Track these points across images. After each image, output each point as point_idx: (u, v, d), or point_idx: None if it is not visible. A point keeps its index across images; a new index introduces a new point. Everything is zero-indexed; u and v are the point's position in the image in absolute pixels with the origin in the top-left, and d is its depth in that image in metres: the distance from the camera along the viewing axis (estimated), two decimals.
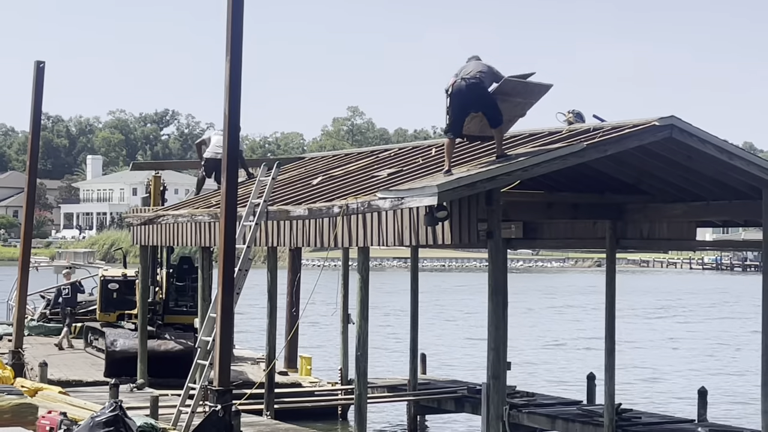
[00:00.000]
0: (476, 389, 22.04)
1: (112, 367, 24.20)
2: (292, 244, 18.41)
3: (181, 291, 26.66)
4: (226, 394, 15.67)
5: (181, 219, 21.37)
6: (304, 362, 26.38)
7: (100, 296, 28.19)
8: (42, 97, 24.76)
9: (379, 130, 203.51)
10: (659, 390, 32.04)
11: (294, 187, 19.85)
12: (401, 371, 27.55)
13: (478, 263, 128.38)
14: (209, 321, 17.52)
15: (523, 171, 14.62)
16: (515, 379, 23.74)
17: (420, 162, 17.74)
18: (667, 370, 36.93)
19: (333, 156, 23.29)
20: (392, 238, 15.57)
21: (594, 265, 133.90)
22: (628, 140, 15.12)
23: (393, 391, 24.19)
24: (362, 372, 16.85)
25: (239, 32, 16.28)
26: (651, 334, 49.74)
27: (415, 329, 23.59)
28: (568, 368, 36.33)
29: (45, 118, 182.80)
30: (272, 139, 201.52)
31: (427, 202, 14.28)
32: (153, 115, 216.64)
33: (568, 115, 17.06)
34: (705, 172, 16.92)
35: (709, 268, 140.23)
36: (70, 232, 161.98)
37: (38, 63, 24.50)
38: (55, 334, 31.83)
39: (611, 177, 18.21)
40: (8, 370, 21.00)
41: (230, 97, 16.31)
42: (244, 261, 17.73)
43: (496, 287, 14.93)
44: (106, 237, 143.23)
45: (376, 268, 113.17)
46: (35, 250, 66.87)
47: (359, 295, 16.87)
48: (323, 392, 24.20)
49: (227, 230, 16.34)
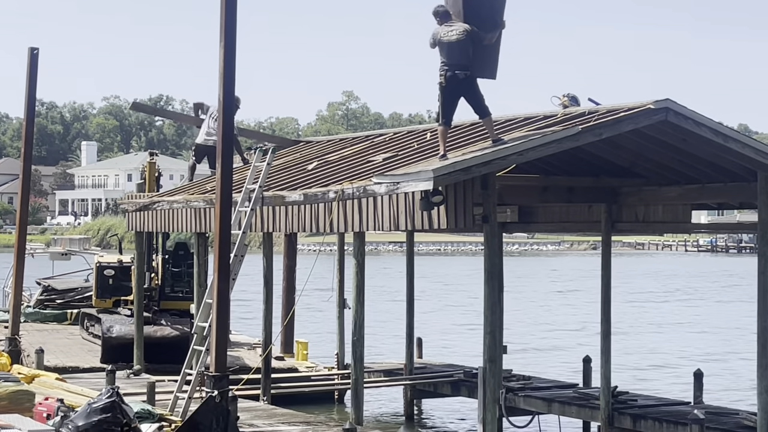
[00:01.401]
0: (472, 373, 22.08)
1: (109, 353, 24.22)
2: (287, 229, 18.40)
3: (177, 277, 26.65)
4: (222, 380, 15.67)
5: (177, 205, 21.35)
6: (300, 347, 26.41)
7: (96, 283, 28.19)
8: (36, 83, 24.68)
9: (374, 114, 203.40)
10: (661, 373, 32.12)
11: (289, 173, 19.83)
12: (397, 355, 27.59)
13: (474, 247, 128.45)
14: (205, 306, 17.52)
15: (518, 155, 14.63)
16: (512, 362, 23.76)
17: (415, 147, 17.74)
18: (669, 353, 37.00)
19: (328, 141, 23.27)
20: (388, 222, 15.58)
21: (590, 248, 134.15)
22: (623, 123, 15.12)
23: (389, 376, 24.24)
24: (358, 356, 16.87)
25: (233, 17, 16.23)
26: (663, 318, 49.77)
27: (411, 313, 23.62)
28: (566, 351, 36.40)
29: (39, 105, 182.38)
30: (267, 124, 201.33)
31: (422, 187, 14.28)
32: (147, 100, 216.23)
33: (563, 98, 17.06)
34: (700, 155, 16.93)
35: (705, 250, 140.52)
36: (66, 219, 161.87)
37: (32, 50, 24.42)
38: (51, 320, 31.85)
39: (606, 160, 18.22)
40: (5, 356, 21.00)
41: (224, 83, 16.27)
42: (239, 247, 17.71)
43: (492, 271, 14.96)
44: (102, 223, 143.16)
45: (372, 252, 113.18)
46: (31, 237, 66.80)
47: (355, 280, 16.88)
48: (320, 377, 24.23)
49: (223, 216, 16.32)
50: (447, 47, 15.00)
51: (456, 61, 14.98)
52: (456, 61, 14.98)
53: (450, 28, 15.01)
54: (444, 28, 15.05)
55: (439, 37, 15.06)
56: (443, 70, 15.01)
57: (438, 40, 15.07)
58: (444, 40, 15.00)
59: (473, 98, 15.23)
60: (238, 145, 22.48)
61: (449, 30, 15.02)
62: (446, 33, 15.01)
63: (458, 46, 14.98)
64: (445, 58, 15.03)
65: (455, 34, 14.99)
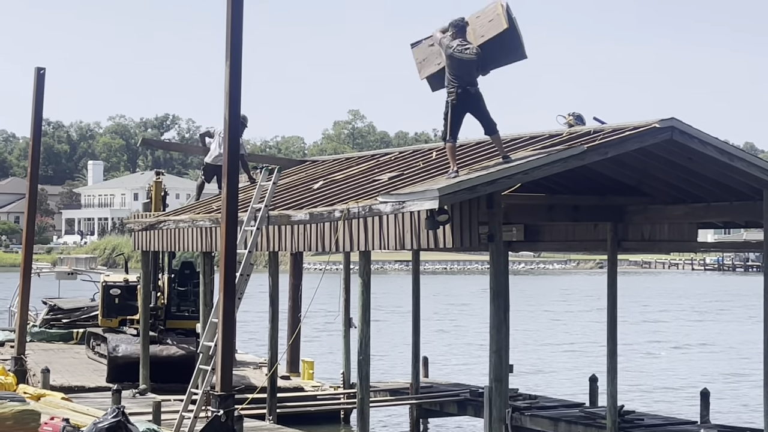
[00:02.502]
0: (479, 392, 22.04)
1: (115, 372, 24.20)
2: (293, 248, 18.40)
3: (183, 296, 26.65)
4: (228, 399, 15.68)
5: (183, 224, 21.36)
6: (306, 366, 26.37)
7: (102, 302, 28.19)
8: (43, 103, 24.78)
9: (380, 133, 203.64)
10: (665, 392, 32.04)
11: (295, 192, 19.85)
12: (403, 375, 27.54)
13: (480, 266, 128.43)
14: (211, 326, 17.52)
15: (524, 174, 14.63)
16: (518, 381, 23.73)
17: (421, 165, 17.74)
18: (679, 372, 36.91)
19: (334, 160, 23.30)
20: (394, 241, 15.57)
21: (596, 267, 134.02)
22: (628, 142, 15.12)
23: (395, 395, 24.19)
24: (364, 376, 16.84)
25: (239, 37, 16.29)
26: (676, 337, 49.62)
27: (417, 332, 23.59)
28: (572, 370, 36.31)
29: (46, 124, 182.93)
30: (273, 143, 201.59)
31: (428, 206, 14.28)
32: (153, 119, 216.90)
33: (569, 117, 17.07)
34: (706, 174, 16.92)
35: (711, 268, 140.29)
36: (72, 238, 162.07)
37: (39, 69, 24.53)
38: (57, 340, 31.84)
39: (612, 179, 18.21)
40: (10, 376, 21.00)
41: (230, 102, 16.32)
42: (245, 266, 17.72)
43: (498, 290, 14.93)
44: (108, 242, 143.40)
45: (377, 271, 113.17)
46: (37, 256, 66.76)
47: (361, 299, 16.87)
48: (325, 396, 24.19)
49: (228, 235, 16.34)
50: (460, 63, 15.02)
51: (468, 79, 15.05)
52: (468, 79, 15.05)
53: (464, 46, 15.04)
54: (458, 43, 15.05)
55: (451, 51, 15.05)
56: (454, 86, 15.02)
57: (450, 54, 15.06)
58: (457, 56, 15.01)
59: (482, 114, 15.22)
60: (245, 164, 22.52)
61: (464, 47, 15.03)
62: (461, 49, 15.02)
63: (471, 65, 15.06)
64: (456, 73, 15.03)
65: (471, 53, 15.03)
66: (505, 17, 15.12)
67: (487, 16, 15.38)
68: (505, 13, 15.15)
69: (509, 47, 15.39)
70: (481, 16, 15.47)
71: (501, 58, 15.54)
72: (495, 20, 15.24)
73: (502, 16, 15.15)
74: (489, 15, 15.36)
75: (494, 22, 15.24)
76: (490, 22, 15.30)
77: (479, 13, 15.56)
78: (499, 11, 15.20)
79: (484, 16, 15.41)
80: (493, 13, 15.30)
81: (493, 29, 15.24)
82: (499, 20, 15.17)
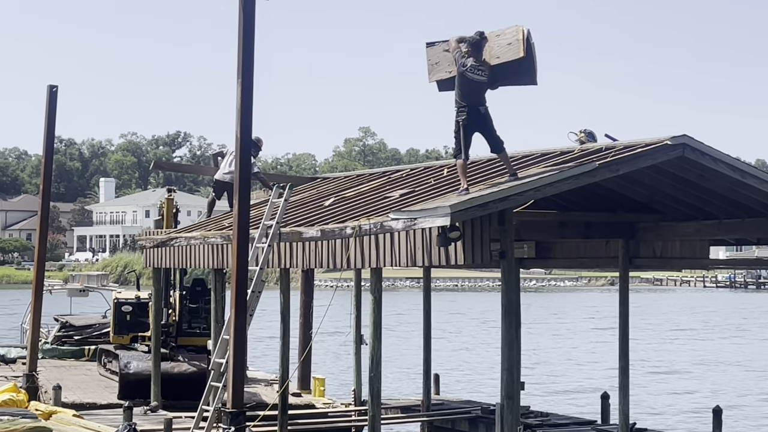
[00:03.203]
0: (490, 409, 21.99)
1: (126, 389, 24.19)
2: (304, 265, 18.41)
3: (195, 313, 26.65)
4: (239, 416, 15.68)
5: (194, 241, 21.40)
6: (317, 383, 26.33)
7: (113, 319, 28.22)
8: (55, 120, 24.89)
9: (390, 150, 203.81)
10: (678, 410, 31.94)
11: (306, 209, 19.87)
12: (414, 392, 27.50)
13: (491, 283, 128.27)
14: (222, 343, 17.53)
15: (536, 191, 14.62)
16: (530, 398, 23.67)
17: (432, 182, 17.75)
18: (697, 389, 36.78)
19: (345, 177, 23.32)
20: (405, 258, 15.57)
21: (607, 284, 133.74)
22: (640, 159, 15.11)
23: (407, 412, 24.15)
24: (376, 393, 16.82)
25: (250, 55, 16.35)
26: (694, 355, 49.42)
27: (428, 349, 23.56)
28: (585, 387, 36.22)
29: (58, 142, 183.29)
30: (284, 160, 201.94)
31: (439, 223, 14.28)
32: (165, 137, 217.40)
33: (580, 134, 17.07)
34: (717, 191, 16.90)
35: (723, 286, 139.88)
36: (84, 255, 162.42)
37: (51, 87, 24.66)
38: (69, 356, 31.88)
39: (623, 196, 18.20)
40: (22, 393, 21.06)
41: (242, 120, 16.38)
42: (257, 283, 17.74)
43: (509, 307, 14.91)
44: (119, 259, 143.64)
45: (388, 288, 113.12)
46: (49, 273, 67.01)
47: (372, 316, 16.86)
48: (337, 413, 24.14)
49: (240, 252, 16.37)
50: (471, 84, 15.05)
51: (478, 99, 15.08)
52: (478, 99, 15.08)
53: (478, 67, 15.05)
54: (471, 63, 15.07)
55: (464, 70, 15.07)
56: (464, 106, 15.04)
57: (463, 73, 15.08)
58: (469, 77, 15.04)
59: (489, 132, 15.26)
60: (264, 180, 22.52)
61: (477, 68, 15.04)
62: (474, 70, 15.05)
63: (483, 86, 15.09)
64: (467, 93, 15.05)
65: (483, 76, 15.07)
66: (524, 46, 15.08)
67: (506, 38, 15.33)
68: (525, 41, 15.10)
69: (519, 70, 15.40)
70: (500, 36, 15.42)
71: (511, 78, 15.55)
72: (513, 45, 15.21)
73: (522, 44, 15.11)
74: (508, 37, 15.32)
75: (512, 47, 15.22)
76: (508, 45, 15.28)
77: (499, 32, 15.50)
78: (519, 37, 15.15)
79: (504, 38, 15.36)
80: (512, 37, 15.26)
81: (510, 54, 15.22)
82: (518, 46, 15.14)
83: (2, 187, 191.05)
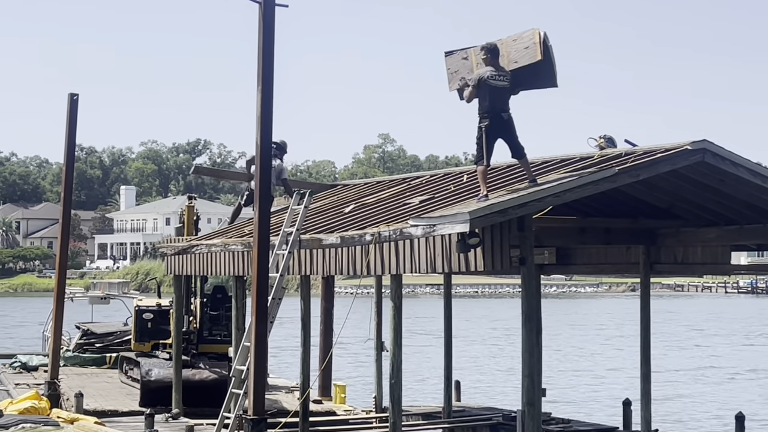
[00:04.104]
0: (511, 416, 21.95)
1: (147, 396, 24.26)
2: (325, 272, 18.43)
3: (215, 320, 26.70)
4: (260, 423, 15.70)
5: (215, 248, 21.45)
6: (338, 390, 26.35)
7: (134, 326, 28.31)
8: (76, 129, 25.01)
9: (410, 157, 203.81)
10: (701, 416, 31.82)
11: (326, 216, 19.90)
12: (435, 399, 27.47)
13: (511, 289, 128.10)
14: (243, 350, 17.56)
15: (555, 197, 14.60)
16: (551, 405, 23.61)
17: (452, 189, 17.75)
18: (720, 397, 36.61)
19: (365, 184, 23.34)
20: (425, 265, 15.56)
21: (628, 290, 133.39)
22: (660, 165, 15.08)
23: (427, 419, 24.12)
24: (396, 399, 16.81)
25: (270, 62, 16.40)
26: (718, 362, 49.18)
27: (449, 356, 23.54)
28: (607, 394, 36.10)
29: (78, 150, 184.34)
30: (304, 167, 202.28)
31: (459, 229, 14.27)
32: (185, 144, 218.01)
33: (600, 140, 17.05)
34: (738, 196, 16.84)
35: (745, 291, 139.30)
36: (105, 263, 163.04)
37: (72, 95, 24.77)
38: (90, 364, 31.99)
39: (644, 201, 18.15)
40: (44, 400, 21.14)
41: (262, 127, 16.42)
42: (277, 290, 17.77)
43: (530, 313, 14.88)
44: (140, 267, 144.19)
45: (408, 295, 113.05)
46: (70, 281, 67.26)
47: (392, 323, 16.86)
48: (358, 420, 24.14)
49: (260, 259, 16.40)
50: (493, 91, 15.08)
51: (501, 106, 15.11)
52: (501, 106, 15.11)
53: (498, 73, 15.08)
54: (491, 71, 15.11)
55: (485, 78, 15.09)
56: (487, 112, 15.07)
57: (484, 81, 15.10)
58: (491, 84, 15.07)
59: (511, 139, 15.29)
60: (289, 187, 22.53)
61: (497, 75, 15.08)
62: (494, 77, 15.09)
63: (505, 92, 15.13)
64: (489, 100, 15.08)
65: (504, 81, 15.09)
66: (541, 49, 15.11)
67: (524, 42, 15.37)
68: (541, 44, 15.12)
69: (539, 73, 15.41)
70: (517, 40, 15.46)
71: (532, 83, 15.56)
72: (531, 49, 15.24)
73: (538, 47, 15.13)
74: (525, 41, 15.35)
75: (530, 50, 15.25)
76: (525, 49, 15.31)
77: (516, 36, 15.55)
78: (536, 40, 15.18)
79: (521, 42, 15.40)
80: (529, 41, 15.29)
81: (528, 58, 15.25)
82: (535, 50, 15.17)
83: (24, 196, 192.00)
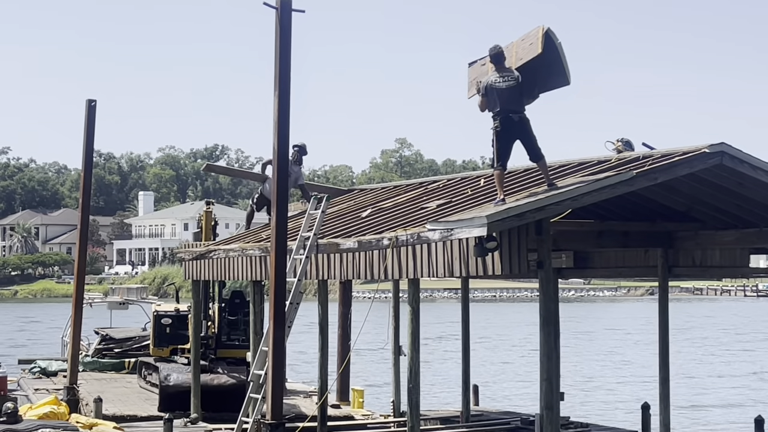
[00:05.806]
0: (529, 420, 21.91)
1: (166, 401, 24.31)
2: (342, 276, 18.45)
3: (233, 325, 26.74)
4: (278, 428, 15.72)
5: (232, 253, 21.49)
6: (356, 395, 26.35)
7: (153, 331, 28.38)
8: (94, 135, 25.10)
9: (427, 161, 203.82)
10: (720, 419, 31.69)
11: (343, 220, 19.92)
12: (453, 403, 27.44)
13: (529, 293, 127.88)
14: (261, 354, 17.59)
15: (573, 200, 14.58)
16: (569, 409, 23.56)
17: (469, 193, 17.75)
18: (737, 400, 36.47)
19: (382, 188, 23.35)
20: (442, 269, 15.56)
21: (646, 294, 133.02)
22: (678, 168, 15.04)
23: (445, 423, 24.08)
24: (414, 404, 16.81)
25: (287, 68, 16.43)
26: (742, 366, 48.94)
27: (467, 360, 23.52)
28: (625, 397, 36.01)
29: (97, 156, 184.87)
30: (321, 172, 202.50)
31: (476, 233, 14.27)
32: (203, 150, 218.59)
33: (617, 143, 17.01)
34: (757, 198, 16.78)
35: (764, 295, 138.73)
36: (123, 268, 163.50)
37: (90, 102, 24.87)
38: (109, 369, 32.09)
39: (662, 205, 18.10)
40: (63, 406, 21.19)
41: (279, 132, 16.45)
42: (295, 294, 17.79)
43: (548, 317, 14.86)
44: (159, 272, 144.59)
45: (426, 299, 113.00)
46: (88, 287, 67.40)
47: (410, 327, 16.86)
48: (376, 425, 24.13)
49: (278, 264, 16.43)
50: (500, 93, 15.08)
51: (509, 106, 15.08)
52: (509, 106, 15.08)
53: (503, 75, 15.10)
54: (495, 76, 15.12)
55: (491, 84, 15.11)
56: (497, 114, 15.08)
57: (489, 87, 15.12)
58: (497, 87, 15.08)
59: (528, 140, 15.26)
60: (306, 192, 22.56)
61: (501, 77, 15.10)
62: (499, 80, 15.10)
63: (511, 92, 15.09)
64: (497, 103, 15.09)
65: (510, 80, 15.09)
66: (542, 42, 15.16)
67: (529, 39, 15.46)
68: (543, 37, 15.18)
69: (551, 72, 15.41)
70: (525, 39, 15.55)
71: (545, 82, 15.57)
72: (533, 44, 15.31)
73: (539, 41, 15.19)
74: (530, 38, 15.45)
75: (533, 45, 15.32)
76: (530, 45, 15.39)
77: (524, 36, 15.63)
78: (538, 35, 15.25)
79: (527, 39, 15.50)
80: (534, 37, 15.37)
81: (531, 53, 15.32)
82: (536, 44, 15.22)
83: (42, 202, 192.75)
